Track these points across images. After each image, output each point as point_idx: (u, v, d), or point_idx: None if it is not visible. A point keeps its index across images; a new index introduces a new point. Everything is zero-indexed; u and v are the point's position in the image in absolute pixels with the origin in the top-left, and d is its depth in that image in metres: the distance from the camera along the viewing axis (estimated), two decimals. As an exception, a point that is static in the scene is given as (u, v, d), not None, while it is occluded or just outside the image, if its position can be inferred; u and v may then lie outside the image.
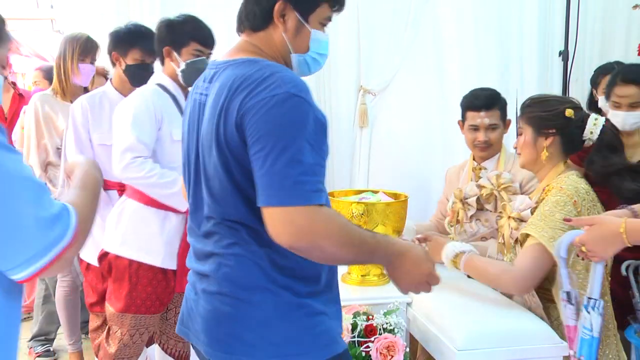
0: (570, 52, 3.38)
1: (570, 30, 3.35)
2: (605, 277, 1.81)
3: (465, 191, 2.28)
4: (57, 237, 1.00)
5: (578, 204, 1.76)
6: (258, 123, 1.16)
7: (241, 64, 1.27)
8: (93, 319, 2.59)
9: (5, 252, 0.97)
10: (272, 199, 1.15)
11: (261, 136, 1.15)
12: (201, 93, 1.34)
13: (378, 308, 1.87)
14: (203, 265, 1.33)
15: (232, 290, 1.27)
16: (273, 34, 1.32)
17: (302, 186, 1.14)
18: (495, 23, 3.68)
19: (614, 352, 1.81)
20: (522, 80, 3.75)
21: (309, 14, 1.32)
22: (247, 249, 1.26)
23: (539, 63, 3.73)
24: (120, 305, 2.23)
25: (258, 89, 1.17)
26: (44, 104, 2.89)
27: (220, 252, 1.28)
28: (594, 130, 1.86)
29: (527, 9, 3.69)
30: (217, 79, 1.28)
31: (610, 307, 1.84)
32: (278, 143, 1.14)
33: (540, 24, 3.71)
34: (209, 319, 1.30)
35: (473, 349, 1.71)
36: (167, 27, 2.30)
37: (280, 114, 1.15)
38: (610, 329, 1.81)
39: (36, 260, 0.99)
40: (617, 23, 3.78)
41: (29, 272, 0.99)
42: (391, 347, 1.74)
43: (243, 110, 1.17)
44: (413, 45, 3.54)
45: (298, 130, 1.15)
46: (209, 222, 1.31)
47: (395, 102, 3.48)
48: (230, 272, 1.27)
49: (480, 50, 3.64)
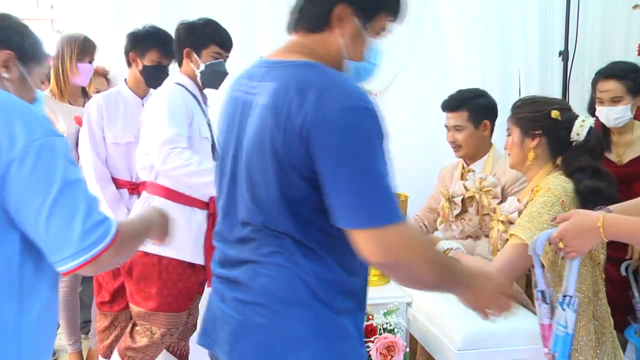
0: (570, 52, 3.38)
1: (570, 30, 3.35)
2: (599, 275, 1.81)
3: (453, 190, 2.31)
4: (96, 240, 1.15)
5: (566, 204, 1.75)
6: (331, 139, 1.10)
7: (299, 66, 1.21)
8: (101, 319, 2.59)
9: (59, 246, 1.13)
10: (361, 221, 1.11)
11: (336, 153, 1.10)
12: (246, 91, 1.27)
13: (378, 308, 1.87)
14: (234, 272, 1.26)
15: (268, 302, 1.20)
16: (329, 38, 1.26)
17: (388, 204, 1.12)
18: (496, 23, 3.68)
19: (610, 350, 1.80)
20: (522, 80, 3.75)
21: (368, 21, 1.26)
22: (290, 259, 1.20)
23: (539, 63, 3.73)
24: (152, 304, 2.22)
25: (326, 99, 1.11)
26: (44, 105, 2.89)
27: (259, 260, 1.22)
28: (580, 131, 1.86)
29: (528, 9, 3.69)
30: (269, 79, 1.21)
31: (606, 304, 1.83)
32: (356, 160, 1.10)
33: (540, 24, 3.71)
34: (237, 328, 1.23)
35: (473, 349, 1.71)
36: (188, 29, 2.34)
37: (355, 129, 1.10)
38: (606, 326, 1.81)
39: (78, 257, 1.14)
40: (617, 23, 3.78)
41: (70, 265, 1.14)
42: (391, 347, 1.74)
43: (310, 122, 1.11)
44: (414, 45, 3.54)
45: (373, 145, 1.12)
46: (246, 227, 1.24)
47: (396, 102, 3.47)
48: (269, 282, 1.20)
49: (481, 51, 3.64)
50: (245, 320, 1.22)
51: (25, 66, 1.36)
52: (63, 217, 1.13)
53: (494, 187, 2.17)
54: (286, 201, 1.17)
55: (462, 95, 2.53)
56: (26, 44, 1.37)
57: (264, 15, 3.48)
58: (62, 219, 1.13)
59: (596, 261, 1.79)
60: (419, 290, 1.44)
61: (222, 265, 1.32)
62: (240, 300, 1.23)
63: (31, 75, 1.37)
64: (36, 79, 1.40)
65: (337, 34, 1.25)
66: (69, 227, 1.13)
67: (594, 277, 1.79)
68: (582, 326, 1.76)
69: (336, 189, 1.11)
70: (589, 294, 1.77)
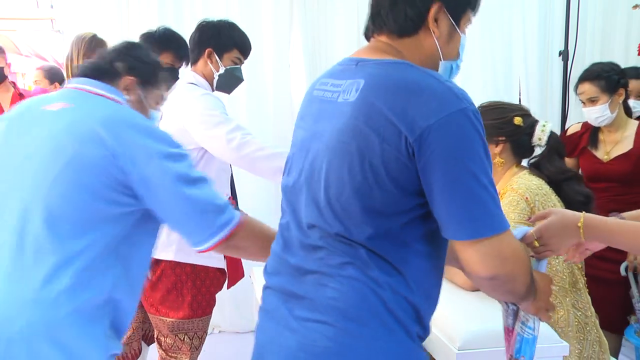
0: (570, 52, 3.38)
1: (570, 30, 3.35)
2: (574, 266, 1.86)
3: None
4: (226, 221, 1.36)
5: (530, 200, 1.80)
6: (446, 146, 1.01)
7: (393, 65, 1.11)
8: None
9: (197, 229, 1.36)
10: (480, 231, 1.04)
11: (451, 158, 1.01)
12: (327, 90, 1.18)
13: (378, 308, 1.87)
14: (296, 284, 1.13)
15: (336, 319, 1.07)
16: (424, 40, 1.17)
17: (499, 211, 1.05)
18: (496, 23, 3.68)
19: (594, 339, 1.85)
20: (522, 80, 3.75)
21: (459, 17, 1.19)
22: (365, 272, 1.08)
23: (539, 63, 3.73)
24: (186, 312, 2.19)
25: (433, 102, 1.03)
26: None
27: (327, 272, 1.09)
28: (542, 136, 1.90)
29: (527, 9, 3.70)
30: (357, 77, 1.11)
31: (586, 294, 1.88)
32: (471, 166, 1.02)
33: (540, 24, 3.72)
34: (297, 351, 1.09)
35: (473, 349, 1.70)
36: (213, 29, 2.32)
37: (468, 133, 1.03)
38: (588, 316, 1.86)
39: (213, 236, 1.35)
40: (617, 23, 3.79)
41: (208, 244, 1.36)
42: (391, 347, 1.74)
43: (420, 127, 1.01)
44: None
45: (481, 148, 1.04)
46: (313, 232, 1.12)
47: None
48: (338, 297, 1.07)
49: (481, 51, 3.64)
50: (309, 338, 1.08)
51: (143, 90, 1.54)
52: (196, 205, 1.35)
53: None
54: (372, 211, 1.06)
55: None
56: (146, 70, 1.55)
57: (264, 15, 3.48)
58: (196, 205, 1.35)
59: None
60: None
61: (279, 274, 1.19)
62: (304, 318, 1.09)
63: (147, 98, 1.56)
64: (151, 101, 1.58)
65: (433, 34, 1.16)
66: (200, 214, 1.34)
67: (569, 269, 1.84)
68: (560, 317, 1.80)
69: (443, 195, 1.03)
70: (564, 285, 1.82)
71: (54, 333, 1.22)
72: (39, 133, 1.33)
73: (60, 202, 1.27)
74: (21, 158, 1.32)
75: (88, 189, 1.27)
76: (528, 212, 1.80)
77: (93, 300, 1.27)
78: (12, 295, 1.23)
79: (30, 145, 1.32)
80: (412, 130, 1.01)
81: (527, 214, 1.79)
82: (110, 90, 1.46)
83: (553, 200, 1.87)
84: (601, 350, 1.87)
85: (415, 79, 1.06)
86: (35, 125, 1.36)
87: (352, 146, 1.06)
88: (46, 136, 1.32)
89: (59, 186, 1.27)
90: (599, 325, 1.91)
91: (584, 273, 1.93)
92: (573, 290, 1.85)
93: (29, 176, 1.29)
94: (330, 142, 1.10)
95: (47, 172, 1.28)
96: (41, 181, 1.28)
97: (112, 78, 1.48)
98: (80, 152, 1.28)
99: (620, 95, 2.58)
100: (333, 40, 3.52)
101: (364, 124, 1.05)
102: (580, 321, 1.84)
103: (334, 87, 1.16)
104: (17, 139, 1.35)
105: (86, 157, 1.28)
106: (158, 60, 1.63)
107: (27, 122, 1.38)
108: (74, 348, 1.24)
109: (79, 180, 1.27)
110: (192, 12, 3.39)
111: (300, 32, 3.54)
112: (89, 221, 1.27)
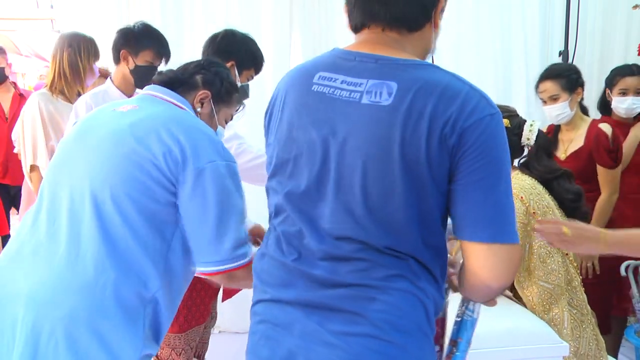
0: (570, 52, 3.38)
1: (570, 30, 3.35)
2: (570, 265, 1.89)
3: None
4: (240, 255, 1.38)
5: (525, 200, 1.83)
6: (482, 147, 1.01)
7: (422, 67, 1.08)
8: None
9: (212, 251, 1.36)
10: (502, 235, 1.04)
11: (486, 162, 1.02)
12: (331, 86, 1.10)
13: (378, 308, 1.87)
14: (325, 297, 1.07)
15: (387, 332, 1.03)
16: (426, 34, 1.14)
17: (515, 219, 1.06)
18: (496, 23, 3.68)
19: (590, 336, 1.86)
20: (522, 80, 3.75)
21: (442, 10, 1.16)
22: (416, 284, 1.06)
23: (539, 63, 3.73)
24: (182, 325, 2.13)
25: (469, 106, 1.02)
26: (48, 105, 2.82)
27: (375, 285, 1.05)
28: (530, 136, 1.92)
29: (528, 9, 3.69)
30: (382, 78, 1.06)
31: (582, 292, 1.91)
32: (500, 171, 1.03)
33: (540, 24, 3.71)
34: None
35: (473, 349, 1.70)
36: (240, 44, 2.32)
37: (499, 137, 1.04)
38: (584, 314, 1.88)
39: (221, 264, 1.37)
40: (617, 23, 3.79)
41: (213, 269, 1.38)
42: (391, 347, 1.74)
43: (458, 129, 1.01)
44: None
45: (508, 154, 1.06)
46: (346, 245, 1.07)
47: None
48: (389, 310, 1.04)
49: (481, 51, 3.64)
50: (349, 357, 1.03)
51: (216, 105, 1.61)
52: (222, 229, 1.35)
53: None
54: (420, 219, 1.05)
55: None
56: (223, 88, 1.61)
57: (264, 15, 3.48)
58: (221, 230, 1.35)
59: (564, 252, 1.89)
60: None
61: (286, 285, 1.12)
62: (342, 332, 1.04)
63: (218, 113, 1.62)
64: (221, 118, 1.65)
65: (433, 28, 1.14)
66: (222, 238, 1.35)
67: (564, 267, 1.87)
68: (555, 315, 1.82)
69: (475, 198, 1.03)
70: (560, 283, 1.84)
71: (94, 322, 1.26)
72: (106, 129, 1.40)
73: (112, 193, 1.31)
74: (88, 150, 1.38)
75: (139, 183, 1.31)
76: (524, 211, 1.82)
77: (137, 296, 1.31)
78: (62, 280, 1.27)
79: (96, 139, 1.39)
80: (453, 128, 1.01)
81: (522, 213, 1.81)
82: (179, 100, 1.53)
83: (547, 200, 1.89)
84: (598, 348, 1.88)
85: (450, 83, 1.05)
86: (104, 123, 1.43)
87: (396, 154, 1.02)
88: (111, 131, 1.38)
89: (113, 178, 1.32)
90: (595, 324, 1.93)
91: (579, 272, 1.97)
92: (568, 288, 1.87)
93: (91, 166, 1.35)
94: (364, 148, 1.04)
95: (106, 164, 1.34)
96: (99, 172, 1.33)
97: (188, 89, 1.56)
98: (136, 148, 1.33)
99: (579, 94, 2.70)
100: (332, 40, 3.52)
101: (406, 130, 1.01)
102: (576, 319, 1.85)
103: (350, 85, 1.08)
104: (86, 135, 1.43)
105: (141, 153, 1.32)
106: (234, 81, 1.69)
107: (97, 121, 1.46)
108: (112, 340, 1.27)
109: (132, 174, 1.31)
110: (192, 11, 3.39)
111: (300, 32, 3.54)
112: (139, 214, 1.31)
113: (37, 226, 1.35)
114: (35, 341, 1.23)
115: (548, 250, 1.83)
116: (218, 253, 1.36)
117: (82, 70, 2.83)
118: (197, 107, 1.57)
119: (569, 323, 1.82)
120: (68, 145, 1.45)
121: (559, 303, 1.83)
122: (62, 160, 1.43)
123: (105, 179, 1.32)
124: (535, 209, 1.83)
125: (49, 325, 1.24)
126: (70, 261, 1.28)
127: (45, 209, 1.36)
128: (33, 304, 1.25)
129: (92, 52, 2.85)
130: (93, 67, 2.85)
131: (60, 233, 1.31)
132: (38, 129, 2.83)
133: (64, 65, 2.82)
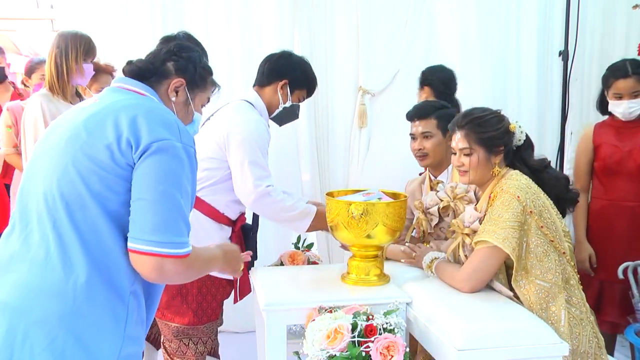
0: (570, 52, 3.39)
1: (570, 30, 3.35)
2: (567, 263, 1.93)
3: (426, 202, 2.34)
4: (174, 243, 1.29)
5: (522, 199, 1.88)
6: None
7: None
8: None
9: (139, 226, 1.28)
10: None
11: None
12: None
13: (378, 308, 1.87)
14: None
15: None
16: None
17: None
18: (495, 23, 3.68)
19: (590, 334, 1.89)
20: (522, 80, 3.75)
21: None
22: None
23: (538, 63, 3.73)
24: (191, 319, 2.21)
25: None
26: (50, 105, 2.78)
27: None
28: (521, 136, 2.04)
29: (527, 9, 3.70)
30: None
31: (580, 290, 1.94)
32: None
33: (540, 24, 3.72)
34: None
35: (473, 349, 1.70)
36: (296, 64, 2.37)
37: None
38: (583, 311, 1.90)
39: (150, 245, 1.27)
40: (617, 23, 3.79)
41: (135, 247, 1.28)
42: (391, 347, 1.74)
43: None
44: (412, 45, 3.54)
45: None
46: None
47: (394, 103, 3.47)
48: None
49: (480, 50, 3.64)
50: None
51: (191, 92, 1.57)
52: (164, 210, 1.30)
53: (466, 193, 2.20)
54: None
55: (429, 104, 2.59)
56: (197, 74, 1.56)
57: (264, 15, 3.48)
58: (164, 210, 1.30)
59: (561, 251, 1.92)
60: None
61: None
62: None
63: (194, 100, 1.58)
64: (197, 104, 1.60)
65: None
66: (159, 217, 1.29)
67: (561, 266, 1.90)
68: (552, 313, 1.85)
69: None
70: (557, 282, 1.87)
71: (69, 323, 1.26)
72: (63, 128, 1.40)
73: (71, 190, 1.30)
74: (48, 151, 1.38)
75: (96, 175, 1.30)
76: (520, 210, 1.86)
77: (113, 292, 1.30)
78: (33, 284, 1.27)
79: (56, 139, 1.39)
80: None
81: (519, 212, 1.86)
82: (143, 87, 1.49)
83: (542, 199, 1.93)
84: (598, 346, 1.90)
85: None
86: (64, 122, 1.43)
87: None
88: (67, 128, 1.38)
89: (70, 173, 1.31)
90: (595, 321, 1.95)
91: (576, 270, 2.00)
92: (566, 286, 1.91)
93: (49, 164, 1.35)
94: None
95: (61, 162, 1.33)
96: (54, 172, 1.33)
97: (160, 78, 1.53)
98: (88, 140, 1.32)
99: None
100: (331, 40, 3.52)
101: None
102: (575, 317, 1.88)
103: None
104: (48, 136, 1.44)
105: (93, 144, 1.32)
106: (208, 64, 1.65)
107: (60, 121, 1.46)
108: (88, 339, 1.27)
109: (88, 167, 1.31)
110: (192, 11, 3.39)
111: (300, 33, 3.53)
112: (101, 209, 1.30)
113: (13, 233, 1.36)
114: (10, 347, 1.24)
115: (545, 249, 1.87)
116: (152, 232, 1.27)
117: (66, 71, 2.76)
118: (172, 97, 1.53)
119: (566, 321, 1.84)
120: (36, 149, 1.45)
121: (556, 301, 1.86)
122: (29, 165, 1.43)
123: (61, 178, 1.31)
124: (532, 208, 1.88)
125: (22, 330, 1.25)
126: (39, 264, 1.28)
127: (18, 215, 1.37)
128: (6, 310, 1.26)
129: (82, 51, 2.78)
130: (82, 66, 2.78)
131: (31, 237, 1.32)
132: (40, 130, 2.81)
133: (51, 66, 2.79)
